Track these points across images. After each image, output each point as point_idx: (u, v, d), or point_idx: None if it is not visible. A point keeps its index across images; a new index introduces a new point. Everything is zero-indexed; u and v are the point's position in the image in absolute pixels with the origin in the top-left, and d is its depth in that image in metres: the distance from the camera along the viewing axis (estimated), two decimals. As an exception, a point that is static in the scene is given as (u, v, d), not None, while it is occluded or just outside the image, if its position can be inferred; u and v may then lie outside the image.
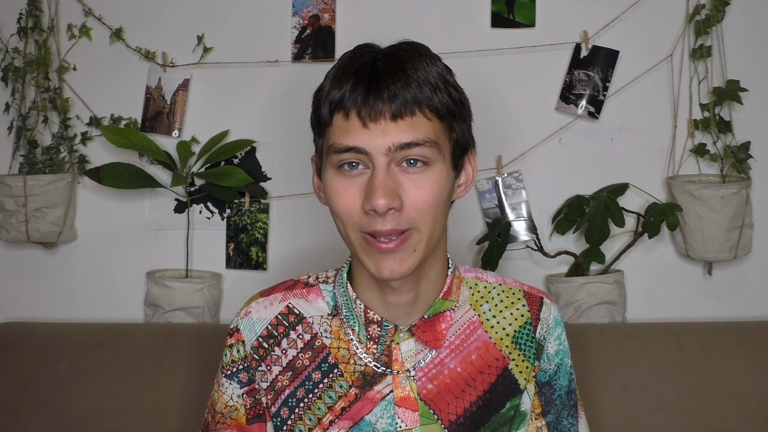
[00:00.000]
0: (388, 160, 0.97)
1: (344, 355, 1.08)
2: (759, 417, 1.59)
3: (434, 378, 1.08)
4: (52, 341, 1.73)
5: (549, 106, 1.89)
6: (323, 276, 1.15)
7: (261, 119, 1.92)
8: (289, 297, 1.12)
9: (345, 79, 0.99)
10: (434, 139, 0.98)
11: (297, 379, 1.09)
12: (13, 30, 1.90)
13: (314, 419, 1.08)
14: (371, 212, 0.96)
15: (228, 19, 1.92)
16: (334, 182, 1.00)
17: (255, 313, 1.12)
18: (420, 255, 1.00)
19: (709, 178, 1.85)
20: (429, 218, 0.99)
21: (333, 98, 0.99)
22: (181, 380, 1.65)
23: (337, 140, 0.98)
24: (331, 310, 1.11)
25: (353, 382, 1.07)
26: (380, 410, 1.07)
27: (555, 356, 1.14)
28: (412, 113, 0.97)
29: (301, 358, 1.09)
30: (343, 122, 0.98)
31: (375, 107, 0.96)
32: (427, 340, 1.08)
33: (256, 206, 1.92)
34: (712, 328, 1.71)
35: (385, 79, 0.97)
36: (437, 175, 0.99)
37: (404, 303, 1.06)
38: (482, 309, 1.12)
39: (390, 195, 0.96)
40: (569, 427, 1.15)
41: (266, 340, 1.10)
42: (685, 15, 1.85)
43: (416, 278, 1.05)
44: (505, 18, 1.87)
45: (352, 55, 1.03)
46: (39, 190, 1.85)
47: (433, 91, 0.98)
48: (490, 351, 1.10)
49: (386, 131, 0.96)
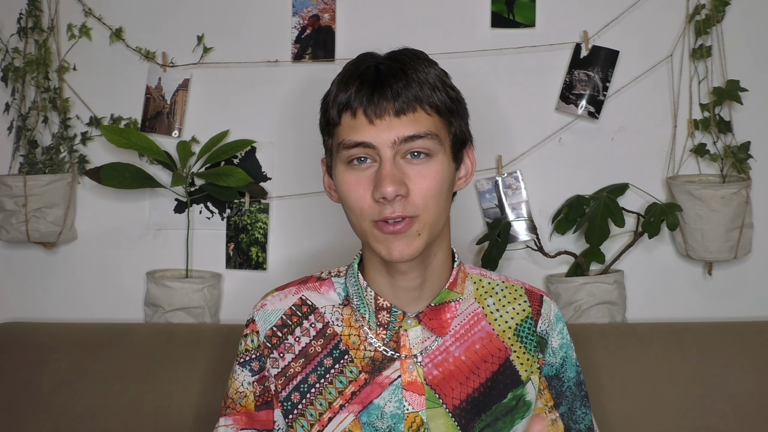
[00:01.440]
0: (393, 153, 1.06)
1: (355, 341, 1.15)
2: (759, 417, 1.59)
3: (440, 364, 1.14)
4: (52, 341, 1.73)
5: (549, 106, 1.89)
6: (335, 271, 1.23)
7: (261, 119, 1.92)
8: (303, 290, 1.20)
9: (351, 83, 1.08)
10: (435, 132, 1.07)
11: (309, 365, 1.15)
12: (13, 30, 1.90)
13: (325, 404, 1.14)
14: (381, 200, 1.05)
15: (228, 19, 1.92)
16: (345, 177, 1.09)
17: (270, 305, 1.20)
18: (425, 239, 1.08)
19: (709, 178, 1.85)
20: (432, 204, 1.07)
21: (341, 100, 1.08)
22: (181, 380, 1.65)
23: (346, 137, 1.07)
24: (343, 300, 1.18)
25: (363, 367, 1.14)
26: (388, 394, 1.13)
27: (560, 350, 1.20)
28: (413, 109, 1.06)
29: (314, 345, 1.16)
30: (350, 121, 1.07)
31: (380, 105, 1.05)
32: (433, 327, 1.14)
33: (256, 206, 1.92)
34: (712, 328, 1.71)
35: (388, 80, 1.06)
36: (439, 165, 1.08)
37: (412, 288, 1.14)
38: (486, 302, 1.19)
39: (397, 182, 1.04)
40: (583, 416, 1.21)
41: (280, 329, 1.18)
42: (685, 15, 1.85)
43: (423, 264, 1.12)
44: (505, 18, 1.87)
45: (355, 62, 1.12)
46: (39, 190, 1.85)
47: (432, 90, 1.08)
48: (493, 342, 1.17)
49: (391, 126, 1.06)
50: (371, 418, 1.12)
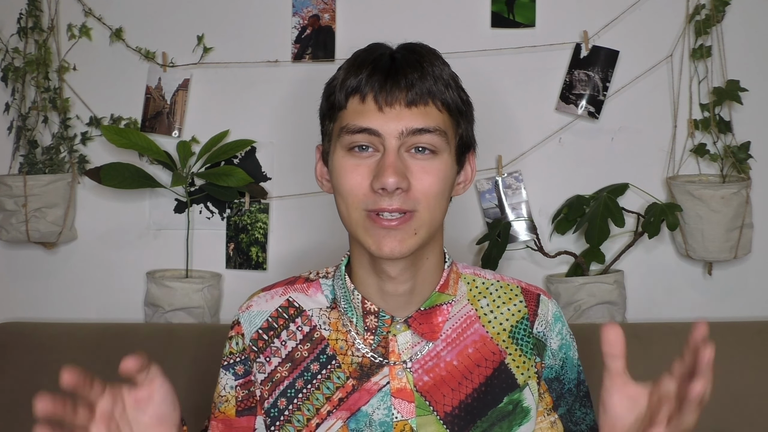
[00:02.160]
0: (399, 144, 1.02)
1: (342, 346, 1.10)
2: (759, 417, 1.59)
3: (430, 370, 1.09)
4: (52, 341, 1.73)
5: (549, 106, 1.89)
6: (323, 271, 1.18)
7: (261, 119, 1.92)
8: (290, 291, 1.16)
9: (363, 68, 1.04)
10: (444, 129, 1.04)
11: (296, 370, 1.11)
12: (13, 30, 1.91)
13: (312, 409, 1.10)
14: (380, 191, 1.00)
15: (228, 19, 1.92)
16: (343, 162, 1.04)
17: (256, 306, 1.15)
18: (420, 239, 1.03)
19: (709, 178, 1.85)
20: (432, 203, 1.03)
21: (350, 84, 1.04)
22: (181, 380, 1.65)
23: (351, 121, 1.03)
24: (330, 303, 1.13)
25: (351, 373, 1.09)
26: (377, 401, 1.08)
27: (559, 351, 1.15)
28: (425, 103, 1.03)
29: (300, 349, 1.12)
30: (358, 105, 1.03)
31: (392, 93, 1.02)
32: (424, 332, 1.09)
33: (256, 206, 1.92)
34: (712, 328, 1.68)
35: (403, 69, 1.03)
36: (443, 163, 1.04)
37: (401, 292, 1.09)
38: (480, 304, 1.14)
39: (399, 174, 1.00)
40: (583, 417, 1.17)
41: (266, 332, 1.13)
42: (685, 15, 1.85)
43: (413, 267, 1.08)
44: (505, 18, 1.88)
45: (366, 50, 1.08)
46: (39, 190, 1.85)
47: (445, 86, 1.05)
48: (487, 345, 1.12)
49: (400, 116, 1.02)
50: (360, 425, 1.08)
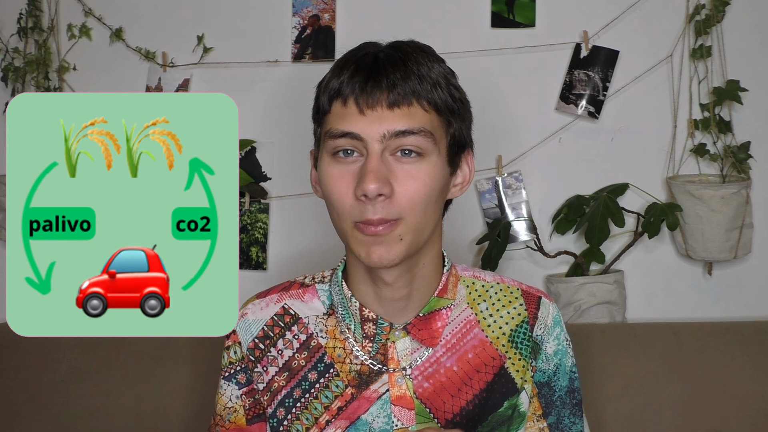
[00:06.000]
0: (382, 147, 0.98)
1: (340, 354, 1.08)
2: (759, 417, 1.59)
3: (430, 377, 1.07)
4: (52, 341, 1.73)
5: (549, 106, 1.89)
6: (320, 276, 1.15)
7: (261, 119, 1.92)
8: (285, 298, 1.13)
9: (345, 69, 1.01)
10: (429, 130, 0.99)
11: (293, 379, 1.09)
12: (13, 30, 1.91)
13: (311, 419, 1.08)
14: (362, 198, 0.97)
15: (228, 19, 1.92)
16: (329, 169, 1.01)
17: (251, 314, 1.12)
18: (407, 245, 0.99)
19: (709, 178, 1.85)
20: (418, 209, 0.99)
21: (332, 86, 1.01)
22: (181, 380, 1.65)
23: (334, 125, 1.00)
24: (327, 310, 1.11)
25: (349, 381, 1.07)
26: (377, 409, 1.07)
27: (554, 356, 1.12)
28: (409, 103, 0.99)
29: (297, 358, 1.09)
30: (340, 109, 1.00)
31: (372, 95, 0.98)
32: (423, 338, 1.07)
33: (256, 206, 1.92)
34: (712, 328, 1.71)
35: (385, 68, 0.99)
36: (431, 167, 1.00)
37: (398, 298, 1.06)
38: (479, 308, 1.11)
39: (381, 180, 0.96)
40: (570, 426, 1.14)
41: (262, 341, 1.11)
42: (685, 15, 1.85)
43: (409, 274, 1.05)
44: (505, 18, 1.87)
45: (355, 49, 1.05)
46: (39, 190, 1.85)
47: (432, 86, 1.00)
48: (487, 350, 1.10)
49: (382, 118, 0.98)
50: None
